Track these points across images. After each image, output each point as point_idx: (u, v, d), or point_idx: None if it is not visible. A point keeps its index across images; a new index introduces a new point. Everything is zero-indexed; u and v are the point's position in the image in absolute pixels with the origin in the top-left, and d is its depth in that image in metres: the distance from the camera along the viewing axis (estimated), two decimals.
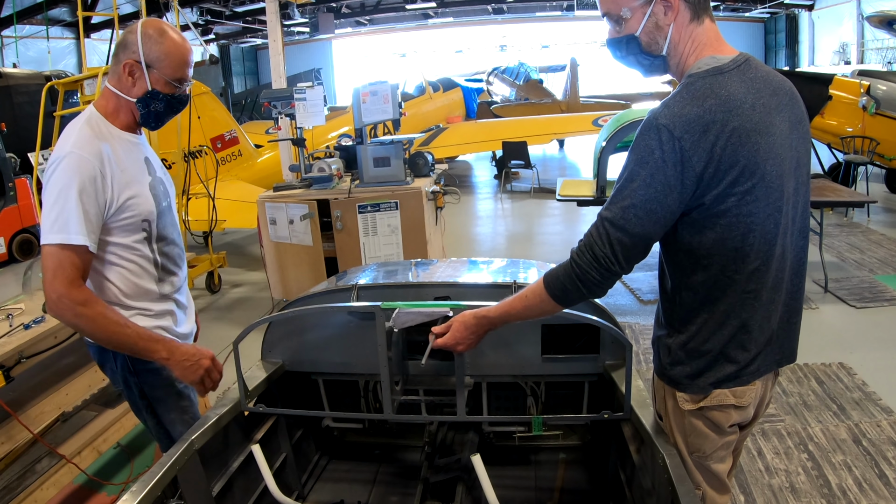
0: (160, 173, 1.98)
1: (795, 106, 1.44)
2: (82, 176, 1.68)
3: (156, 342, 1.77)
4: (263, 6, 11.90)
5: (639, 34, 1.40)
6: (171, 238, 1.96)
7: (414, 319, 1.81)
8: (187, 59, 1.83)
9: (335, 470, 2.38)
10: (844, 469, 2.92)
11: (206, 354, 1.82)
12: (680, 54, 1.41)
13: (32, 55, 14.59)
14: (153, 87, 1.81)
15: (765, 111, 1.35)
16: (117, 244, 1.82)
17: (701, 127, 1.28)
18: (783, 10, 21.48)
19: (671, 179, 1.30)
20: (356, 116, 4.48)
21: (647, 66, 1.46)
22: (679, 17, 1.37)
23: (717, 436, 1.51)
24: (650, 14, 1.37)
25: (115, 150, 1.78)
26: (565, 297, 1.45)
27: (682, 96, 1.33)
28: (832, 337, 4.43)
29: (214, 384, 1.84)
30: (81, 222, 1.66)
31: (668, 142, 1.29)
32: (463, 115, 13.40)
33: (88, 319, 1.68)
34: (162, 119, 1.89)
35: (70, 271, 1.65)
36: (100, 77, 5.30)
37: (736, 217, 1.34)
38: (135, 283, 1.87)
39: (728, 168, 1.30)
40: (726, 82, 1.33)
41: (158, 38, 1.78)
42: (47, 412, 2.59)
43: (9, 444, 2.43)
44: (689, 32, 1.39)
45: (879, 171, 8.93)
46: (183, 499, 1.60)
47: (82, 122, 1.81)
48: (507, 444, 2.36)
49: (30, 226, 7.67)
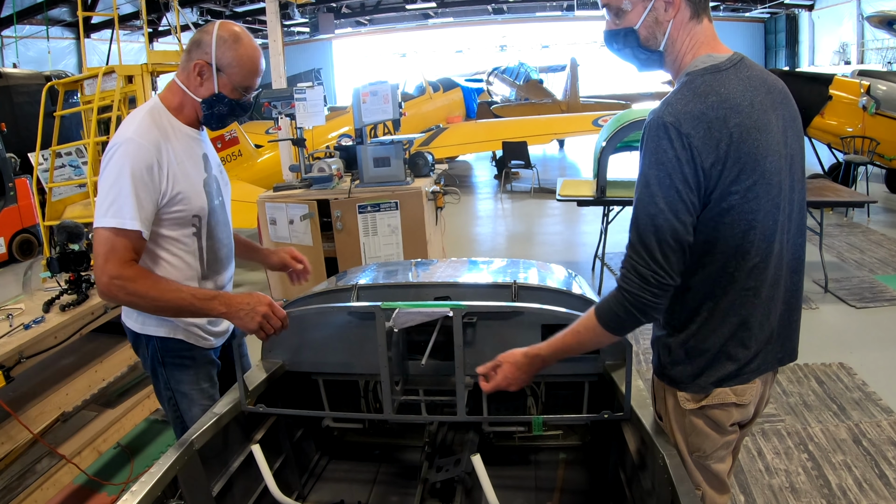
0: (216, 171, 1.99)
1: (789, 104, 1.45)
2: (139, 163, 1.69)
3: (212, 299, 1.74)
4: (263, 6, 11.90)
5: (638, 28, 1.40)
6: (220, 236, 1.97)
7: (414, 319, 1.81)
8: (258, 69, 1.83)
9: (335, 470, 2.38)
10: (844, 469, 2.92)
11: (263, 301, 1.75)
12: (677, 51, 1.41)
13: (32, 55, 14.58)
14: (220, 90, 1.81)
15: (762, 109, 1.35)
16: (166, 236, 1.83)
17: (705, 123, 1.29)
18: (783, 10, 21.47)
19: (688, 176, 1.30)
20: (356, 116, 4.47)
21: (644, 60, 1.46)
22: (679, 14, 1.38)
23: (718, 435, 1.51)
24: (651, 9, 1.37)
25: (173, 143, 1.79)
26: (620, 326, 1.41)
27: (683, 94, 1.33)
28: (832, 337, 4.43)
29: (275, 329, 1.77)
30: (136, 208, 1.67)
31: (678, 139, 1.28)
32: (463, 115, 13.39)
33: (141, 295, 1.67)
34: (224, 121, 1.90)
35: (122, 253, 1.66)
36: (100, 77, 5.30)
37: (738, 214, 1.34)
38: (178, 277, 1.85)
39: (731, 165, 1.31)
40: (725, 80, 1.34)
41: (233, 43, 1.78)
42: (47, 412, 2.59)
43: (9, 444, 2.43)
44: (687, 30, 1.39)
45: (879, 171, 8.93)
46: (183, 499, 1.59)
47: (144, 112, 1.82)
48: (507, 445, 2.36)
49: (30, 226, 7.67)
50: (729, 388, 1.46)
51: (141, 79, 5.41)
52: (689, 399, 1.49)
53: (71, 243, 2.82)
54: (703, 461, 1.54)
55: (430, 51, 26.60)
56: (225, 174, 2.08)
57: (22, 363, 2.33)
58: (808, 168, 8.68)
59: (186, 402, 1.99)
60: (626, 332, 1.45)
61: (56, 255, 2.75)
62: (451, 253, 6.21)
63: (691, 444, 1.53)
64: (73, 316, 2.56)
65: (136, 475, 3.09)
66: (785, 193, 1.40)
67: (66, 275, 2.70)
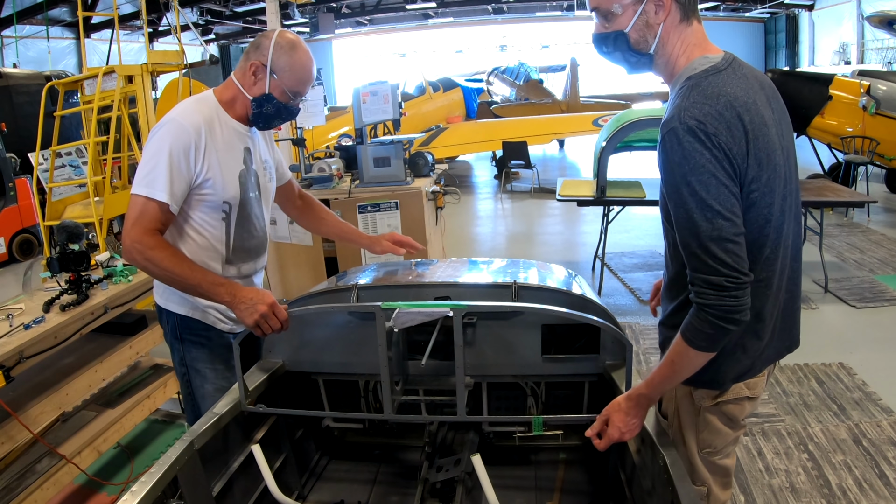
0: (258, 167, 2.07)
1: (779, 99, 1.49)
2: (177, 142, 1.81)
3: (220, 286, 1.82)
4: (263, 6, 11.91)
5: (628, 30, 1.40)
6: (250, 228, 2.05)
7: (414, 319, 1.81)
8: (309, 77, 1.95)
9: (335, 470, 2.38)
10: (844, 469, 2.92)
11: (265, 300, 1.80)
12: (668, 54, 1.41)
13: (32, 55, 14.58)
14: (270, 91, 1.93)
15: (762, 105, 1.37)
16: (196, 216, 1.94)
17: (725, 123, 1.29)
18: (783, 10, 21.47)
19: (729, 171, 1.29)
20: (356, 116, 4.47)
21: (634, 63, 1.45)
22: (670, 16, 1.38)
23: (731, 430, 1.53)
24: (642, 11, 1.37)
25: (216, 132, 1.91)
26: (712, 342, 1.35)
27: (694, 97, 1.32)
28: (832, 337, 4.43)
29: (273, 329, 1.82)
30: (167, 182, 1.79)
31: (707, 139, 1.28)
32: (463, 115, 13.39)
33: (156, 262, 1.77)
34: (270, 122, 2.01)
35: (148, 222, 1.79)
36: (100, 77, 5.30)
37: (758, 209, 1.35)
38: (199, 256, 1.95)
39: (752, 161, 1.32)
40: (728, 80, 1.34)
41: (289, 50, 1.91)
42: (47, 412, 2.59)
43: (9, 444, 2.43)
44: (678, 32, 1.40)
45: (879, 171, 8.93)
46: (183, 499, 1.59)
47: (194, 99, 1.96)
48: (507, 444, 2.36)
49: (30, 226, 7.67)
50: (742, 383, 1.47)
51: (141, 79, 5.40)
52: (706, 396, 1.50)
53: (71, 243, 2.82)
54: (711, 457, 1.55)
55: (430, 51, 26.59)
56: (271, 171, 2.17)
57: (22, 363, 2.33)
58: (808, 168, 8.71)
59: (199, 378, 2.09)
60: (720, 346, 1.38)
61: (56, 255, 2.76)
62: (451, 253, 6.21)
63: (702, 441, 1.54)
64: (73, 316, 2.56)
65: (136, 475, 3.09)
66: (786, 185, 1.43)
67: (66, 275, 2.70)
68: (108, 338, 3.01)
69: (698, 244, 1.29)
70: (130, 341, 3.05)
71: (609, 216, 5.64)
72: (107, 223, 5.08)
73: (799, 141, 9.75)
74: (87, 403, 3.10)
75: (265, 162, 2.13)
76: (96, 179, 5.30)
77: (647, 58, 1.43)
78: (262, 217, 2.12)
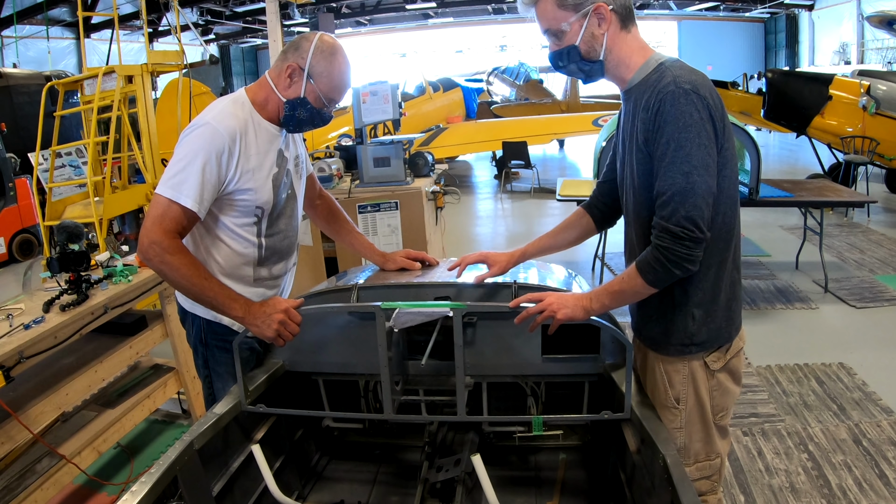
0: (290, 165, 2.04)
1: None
2: (211, 147, 1.77)
3: (234, 300, 1.79)
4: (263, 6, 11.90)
5: (578, 43, 1.58)
6: (282, 228, 2.03)
7: (414, 319, 1.81)
8: (345, 85, 1.92)
9: (335, 470, 2.38)
10: (844, 469, 2.92)
11: (279, 308, 1.80)
12: (616, 58, 1.59)
13: (32, 55, 14.60)
14: (305, 95, 1.88)
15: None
16: (228, 221, 1.91)
17: (709, 89, 1.48)
18: (783, 10, 21.49)
19: (711, 134, 1.46)
20: (356, 116, 4.47)
21: (588, 71, 1.62)
22: (612, 26, 1.56)
23: (737, 385, 1.70)
24: (587, 25, 1.55)
25: (248, 135, 1.86)
26: (657, 280, 1.52)
27: (681, 69, 1.49)
28: (832, 337, 4.43)
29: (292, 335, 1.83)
30: (196, 188, 1.75)
31: (698, 101, 1.44)
32: (463, 115, 13.39)
33: (173, 268, 1.74)
34: (301, 126, 1.96)
35: (169, 223, 1.74)
36: (100, 77, 5.30)
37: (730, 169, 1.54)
38: (234, 262, 1.95)
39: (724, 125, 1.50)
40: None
41: (329, 55, 1.87)
42: (47, 412, 2.59)
43: (9, 444, 2.43)
44: (621, 39, 1.58)
45: (879, 171, 8.94)
46: (183, 499, 1.59)
47: (229, 100, 1.90)
48: (507, 444, 2.36)
49: (30, 226, 7.67)
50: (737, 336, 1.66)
51: (141, 79, 5.40)
52: (716, 360, 1.63)
53: (71, 243, 2.82)
54: (721, 421, 1.69)
55: (430, 51, 26.61)
56: (303, 166, 2.15)
57: (22, 363, 2.33)
58: (809, 168, 8.73)
59: (221, 382, 2.09)
60: (662, 286, 1.54)
61: (56, 255, 2.75)
62: (451, 253, 6.20)
63: (716, 407, 1.67)
64: (73, 316, 2.56)
65: (136, 475, 3.09)
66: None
67: (66, 275, 2.70)
68: (108, 338, 3.01)
69: (670, 191, 1.44)
70: (130, 341, 3.05)
71: None
72: (107, 223, 5.08)
73: (799, 141, 9.76)
74: (87, 403, 3.10)
75: (298, 157, 2.10)
76: (96, 179, 5.30)
77: (598, 64, 1.60)
78: (295, 214, 2.09)
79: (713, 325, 1.61)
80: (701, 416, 1.66)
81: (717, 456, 1.70)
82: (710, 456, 1.70)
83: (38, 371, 2.70)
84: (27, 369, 2.41)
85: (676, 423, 1.67)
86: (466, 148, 10.94)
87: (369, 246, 2.42)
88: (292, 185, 2.06)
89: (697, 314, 1.60)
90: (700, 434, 1.68)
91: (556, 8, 1.58)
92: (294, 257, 2.18)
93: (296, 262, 2.22)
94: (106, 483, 3.00)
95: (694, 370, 1.64)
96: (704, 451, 1.69)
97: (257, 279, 2.02)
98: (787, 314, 4.89)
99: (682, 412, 1.66)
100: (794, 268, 5.91)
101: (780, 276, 5.72)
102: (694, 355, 1.63)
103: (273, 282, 2.08)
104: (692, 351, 1.63)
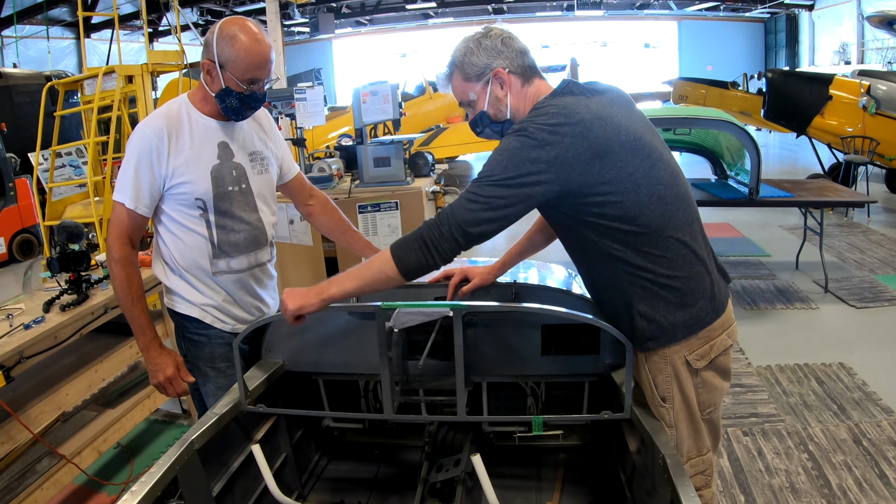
0: (241, 160, 2.07)
1: (632, 105, 1.70)
2: (140, 149, 1.90)
3: (142, 334, 1.98)
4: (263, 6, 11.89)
5: (486, 109, 1.69)
6: (232, 222, 2.05)
7: (414, 319, 1.81)
8: (257, 62, 1.90)
9: (335, 470, 2.38)
10: (844, 469, 2.92)
11: (165, 372, 2.00)
12: (518, 112, 1.67)
13: (32, 55, 14.58)
14: (226, 85, 1.92)
15: (613, 113, 1.58)
16: (175, 216, 2.00)
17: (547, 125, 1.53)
18: (783, 10, 21.47)
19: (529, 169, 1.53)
20: (356, 116, 4.48)
21: (499, 131, 1.71)
22: (512, 86, 1.66)
23: (725, 381, 1.71)
24: (490, 92, 1.66)
25: (181, 131, 1.96)
26: (404, 261, 1.58)
27: (532, 115, 1.58)
28: (832, 337, 4.43)
29: (175, 394, 2.07)
30: (131, 188, 1.91)
31: (522, 138, 1.52)
32: (463, 115, 13.38)
33: (114, 276, 1.95)
34: (241, 113, 2.00)
35: (120, 227, 1.93)
36: (100, 77, 5.30)
37: (638, 194, 1.58)
38: (189, 255, 2.03)
39: (595, 159, 1.53)
40: (562, 100, 1.59)
41: (230, 39, 1.87)
42: (47, 412, 2.59)
43: (9, 444, 2.43)
44: (522, 95, 1.67)
45: (879, 171, 8.93)
46: (183, 499, 1.59)
47: (165, 105, 2.02)
48: (507, 444, 2.36)
49: (30, 226, 7.67)
50: (724, 333, 1.66)
51: (141, 79, 5.41)
52: (699, 358, 1.64)
53: (71, 243, 2.82)
54: (711, 415, 1.70)
55: (430, 51, 26.58)
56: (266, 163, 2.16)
57: (22, 363, 2.33)
58: (809, 168, 8.73)
59: (202, 377, 2.12)
60: (407, 274, 1.59)
61: (56, 255, 2.75)
62: None
63: (703, 403, 1.67)
64: (73, 316, 2.56)
65: (136, 475, 3.09)
66: (672, 166, 1.65)
67: (66, 275, 2.70)
68: (108, 338, 3.01)
69: (459, 201, 1.54)
70: (130, 341, 3.05)
71: None
72: (107, 223, 5.08)
73: (799, 141, 9.76)
74: (87, 403, 3.10)
75: (255, 154, 2.12)
76: (96, 179, 5.30)
77: (507, 123, 1.68)
78: (252, 211, 2.10)
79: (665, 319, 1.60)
80: (688, 414, 1.67)
81: (707, 450, 1.72)
82: (701, 451, 1.71)
83: (38, 371, 2.70)
84: (27, 369, 2.41)
85: (666, 421, 1.68)
86: (466, 148, 10.92)
87: (367, 244, 2.44)
88: (246, 179, 2.07)
89: (642, 310, 1.62)
90: (689, 431, 1.68)
91: (463, 81, 1.69)
92: (263, 254, 2.18)
93: (269, 259, 2.22)
94: (106, 483, 3.00)
95: (677, 369, 1.64)
96: (696, 448, 1.70)
97: (216, 272, 2.05)
98: (787, 314, 4.89)
99: (669, 411, 1.66)
100: (794, 268, 5.91)
101: (780, 276, 5.72)
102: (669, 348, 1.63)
103: (235, 276, 2.09)
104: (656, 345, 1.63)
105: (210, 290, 2.07)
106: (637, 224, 1.55)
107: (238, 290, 2.11)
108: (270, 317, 1.99)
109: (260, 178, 2.13)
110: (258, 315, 2.19)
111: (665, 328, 1.62)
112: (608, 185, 1.51)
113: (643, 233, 1.56)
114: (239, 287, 2.11)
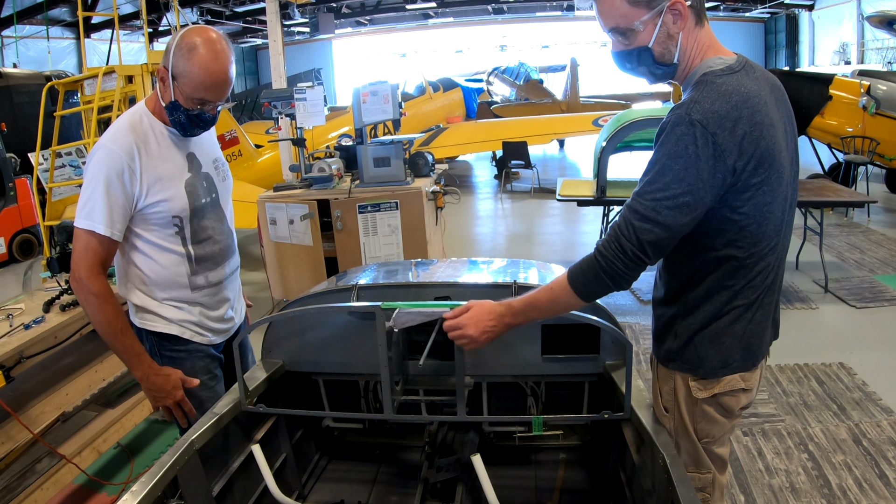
0: (208, 168, 2.00)
1: (787, 103, 1.52)
2: (110, 169, 1.75)
3: (139, 362, 1.87)
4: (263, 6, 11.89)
5: (651, 45, 1.40)
6: (208, 235, 1.98)
7: (414, 319, 1.81)
8: (208, 83, 1.76)
9: (335, 470, 2.38)
10: (844, 469, 2.92)
11: (175, 394, 1.92)
12: (688, 59, 1.44)
13: (32, 55, 14.58)
14: (175, 98, 1.80)
15: (771, 107, 1.41)
16: (149, 237, 1.88)
17: (731, 122, 1.33)
18: (783, 10, 21.47)
19: (704, 173, 1.33)
20: (356, 116, 4.48)
21: (659, 75, 1.47)
22: (687, 23, 1.39)
23: (728, 420, 1.58)
24: (661, 24, 1.38)
25: (150, 145, 1.83)
26: (588, 291, 1.46)
27: (708, 93, 1.35)
28: (832, 337, 4.43)
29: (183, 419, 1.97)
30: (105, 213, 1.75)
31: (703, 136, 1.31)
32: (463, 115, 13.38)
33: (95, 310, 1.80)
34: (186, 130, 1.87)
35: (92, 257, 1.77)
36: (100, 77, 5.30)
37: (755, 207, 1.40)
38: (165, 276, 1.92)
39: (750, 159, 1.35)
40: (742, 80, 1.38)
41: (187, 52, 1.74)
42: (47, 412, 2.59)
43: (9, 444, 2.43)
44: (694, 36, 1.42)
45: (879, 171, 8.93)
46: (183, 499, 1.59)
47: (125, 116, 1.87)
48: (507, 444, 2.36)
49: (30, 226, 7.66)
50: (738, 375, 1.52)
51: (141, 79, 5.41)
52: (702, 388, 1.54)
53: (71, 243, 2.82)
54: (710, 446, 1.61)
55: (430, 51, 26.59)
56: (224, 168, 2.09)
57: (22, 363, 2.33)
58: (809, 168, 8.70)
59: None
60: (592, 299, 1.48)
61: (56, 255, 2.75)
62: (451, 253, 6.21)
63: (700, 431, 1.59)
64: (73, 316, 2.56)
65: (136, 475, 3.09)
66: (789, 186, 1.48)
67: (66, 275, 2.70)
68: None
69: (636, 210, 1.37)
70: None
71: (609, 216, 5.64)
72: None
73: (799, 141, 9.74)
74: (87, 403, 3.10)
75: (216, 160, 2.05)
76: None
77: (672, 68, 1.45)
78: (222, 218, 2.04)
79: (693, 351, 1.52)
80: (686, 433, 1.60)
81: (707, 471, 1.63)
82: (700, 469, 1.63)
83: (38, 371, 2.70)
84: (27, 369, 2.41)
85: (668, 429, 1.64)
86: (466, 148, 10.92)
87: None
88: (214, 186, 2.01)
89: (680, 332, 1.53)
90: (687, 446, 1.62)
91: (627, 4, 1.37)
92: (233, 262, 2.10)
93: (237, 267, 2.15)
94: (106, 483, 3.00)
95: (678, 388, 1.58)
96: (694, 464, 1.63)
97: (195, 288, 1.98)
98: (787, 314, 4.89)
99: (670, 421, 1.63)
100: (794, 268, 5.90)
101: None
102: (676, 371, 1.57)
103: (212, 289, 2.02)
104: (671, 367, 1.58)
105: (189, 304, 1.98)
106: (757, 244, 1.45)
107: (215, 301, 2.05)
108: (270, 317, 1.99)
109: (224, 184, 2.07)
110: (231, 325, 2.13)
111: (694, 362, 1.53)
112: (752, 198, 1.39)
113: (732, 262, 1.46)
114: (215, 299, 2.05)
